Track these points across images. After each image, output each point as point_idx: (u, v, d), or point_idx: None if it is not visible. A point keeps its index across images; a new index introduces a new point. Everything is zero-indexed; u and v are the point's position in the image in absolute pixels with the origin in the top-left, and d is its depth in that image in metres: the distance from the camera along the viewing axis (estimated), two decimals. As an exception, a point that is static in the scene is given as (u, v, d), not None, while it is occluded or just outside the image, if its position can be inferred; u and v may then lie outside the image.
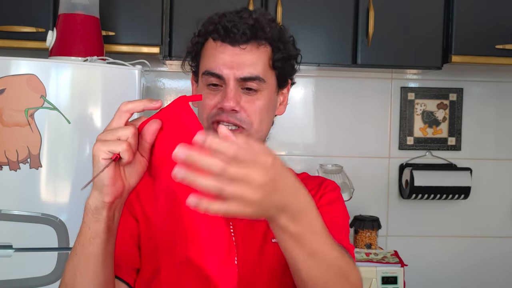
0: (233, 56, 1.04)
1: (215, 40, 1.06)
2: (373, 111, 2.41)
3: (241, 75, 1.03)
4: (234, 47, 1.04)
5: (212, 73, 1.05)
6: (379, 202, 2.41)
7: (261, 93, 1.06)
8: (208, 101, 1.05)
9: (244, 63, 1.04)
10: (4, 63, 1.58)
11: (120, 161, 0.84)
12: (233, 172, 0.66)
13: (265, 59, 1.06)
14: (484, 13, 2.07)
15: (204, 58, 1.08)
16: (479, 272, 2.45)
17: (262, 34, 1.04)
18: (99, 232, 0.87)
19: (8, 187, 1.59)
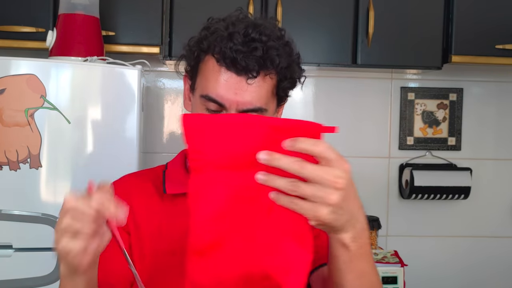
0: (237, 86, 0.98)
1: (218, 62, 0.99)
2: (373, 111, 2.40)
3: (243, 108, 0.98)
4: (239, 76, 0.98)
5: (213, 100, 0.99)
6: (379, 202, 2.41)
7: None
8: None
9: (249, 95, 0.98)
10: (4, 63, 1.58)
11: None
12: (311, 170, 0.71)
13: (270, 88, 1.02)
14: (484, 13, 2.07)
15: (203, 77, 1.02)
16: (479, 272, 2.45)
17: (271, 66, 0.99)
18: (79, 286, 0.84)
19: (8, 187, 1.59)
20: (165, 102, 2.33)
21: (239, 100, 0.98)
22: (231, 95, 0.98)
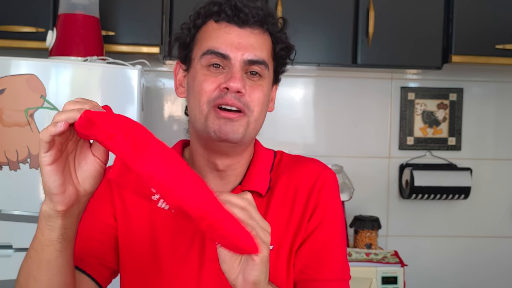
0: (240, 37, 0.97)
1: (218, 22, 0.98)
2: (373, 111, 2.41)
3: (248, 57, 0.97)
4: (241, 28, 0.98)
5: (216, 52, 0.97)
6: (379, 202, 2.41)
7: (263, 81, 1.00)
8: (207, 84, 0.97)
9: (252, 45, 0.98)
10: (4, 63, 1.58)
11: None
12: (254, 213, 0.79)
13: (269, 46, 1.01)
14: (484, 13, 2.07)
15: (203, 40, 1.00)
16: (479, 272, 2.45)
17: (270, 20, 1.00)
18: (53, 240, 0.83)
19: (8, 187, 1.59)
20: (165, 102, 2.33)
21: (243, 50, 0.97)
22: (234, 45, 0.97)
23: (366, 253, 2.09)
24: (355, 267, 2.02)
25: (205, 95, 0.97)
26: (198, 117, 0.98)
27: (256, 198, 1.02)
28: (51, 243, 0.83)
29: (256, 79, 0.99)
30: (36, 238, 0.85)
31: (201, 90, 0.97)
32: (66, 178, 0.80)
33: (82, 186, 0.82)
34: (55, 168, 0.80)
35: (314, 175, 1.06)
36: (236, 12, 0.97)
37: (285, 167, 1.07)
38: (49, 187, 0.79)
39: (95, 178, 0.83)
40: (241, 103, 0.96)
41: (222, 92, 0.96)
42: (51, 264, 0.85)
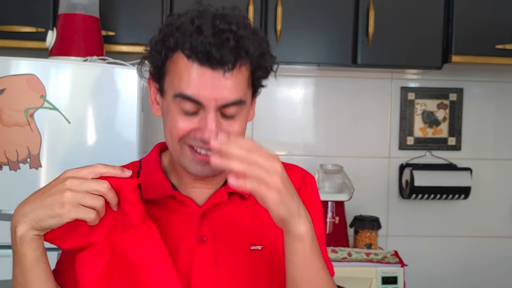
0: (213, 81, 0.91)
1: (190, 58, 0.92)
2: (373, 111, 2.41)
3: (222, 103, 0.92)
4: (214, 71, 0.91)
5: (189, 98, 0.92)
6: (379, 202, 2.41)
7: (240, 115, 0.96)
8: (181, 124, 0.94)
9: (227, 88, 0.92)
10: (4, 63, 1.58)
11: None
12: (255, 158, 0.82)
13: (245, 79, 0.96)
14: (484, 13, 2.07)
15: (175, 76, 0.94)
16: (479, 272, 2.45)
17: (246, 55, 0.93)
18: (38, 257, 0.89)
19: (8, 187, 1.59)
20: (165, 102, 2.33)
21: (217, 96, 0.92)
22: (208, 92, 0.91)
23: (366, 253, 2.09)
24: (355, 267, 2.02)
25: (177, 135, 0.96)
26: (173, 151, 0.99)
27: (240, 200, 1.04)
28: (38, 260, 0.89)
29: (232, 117, 0.96)
30: (18, 266, 0.90)
31: (174, 129, 0.96)
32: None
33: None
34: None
35: (298, 178, 1.09)
36: (207, 57, 0.90)
37: None
38: (52, 225, 0.87)
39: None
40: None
41: (197, 138, 0.95)
42: (41, 278, 0.90)
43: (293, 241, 0.89)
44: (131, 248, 0.92)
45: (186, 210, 1.02)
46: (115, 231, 0.92)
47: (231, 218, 1.03)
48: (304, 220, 0.88)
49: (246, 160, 0.82)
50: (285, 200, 0.84)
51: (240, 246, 1.01)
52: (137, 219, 0.92)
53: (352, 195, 2.19)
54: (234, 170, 0.82)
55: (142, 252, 0.93)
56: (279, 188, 0.83)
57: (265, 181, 0.82)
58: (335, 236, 2.19)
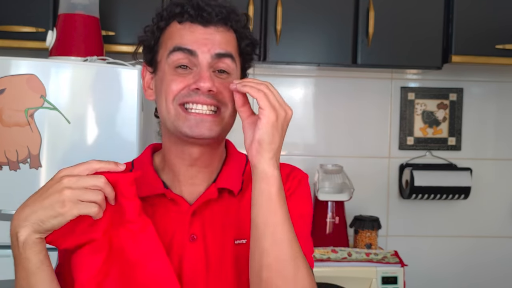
0: (205, 34, 0.98)
1: (181, 23, 0.99)
2: (373, 111, 2.41)
3: (215, 51, 0.98)
4: (205, 27, 0.98)
5: (183, 48, 0.98)
6: (379, 202, 2.41)
7: (232, 77, 1.00)
8: (175, 84, 0.98)
9: (218, 41, 0.98)
10: (4, 63, 1.58)
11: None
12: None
13: (234, 42, 1.02)
14: (484, 13, 2.07)
15: (168, 40, 1.00)
16: (479, 272, 2.45)
17: (234, 17, 1.01)
18: (42, 260, 0.89)
19: (8, 187, 1.59)
20: (165, 102, 2.33)
21: (209, 45, 0.97)
22: (200, 42, 0.97)
23: (366, 253, 2.09)
24: (355, 267, 2.02)
25: (171, 95, 0.98)
26: (167, 117, 1.00)
27: (229, 197, 1.05)
28: (42, 264, 0.89)
29: (224, 77, 1.00)
30: (22, 270, 0.90)
31: (168, 90, 0.98)
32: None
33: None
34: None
35: (287, 171, 1.10)
36: (199, 12, 0.97)
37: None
38: (54, 225, 0.87)
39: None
40: (214, 100, 0.98)
41: (192, 92, 0.97)
42: (46, 281, 0.90)
43: (259, 180, 0.91)
44: (127, 243, 0.93)
45: (177, 208, 1.02)
46: (112, 227, 0.92)
47: (220, 215, 1.03)
48: (274, 164, 0.91)
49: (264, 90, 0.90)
50: (275, 127, 0.90)
51: (226, 241, 1.02)
52: (134, 214, 0.92)
53: (352, 195, 2.19)
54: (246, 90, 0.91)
55: (138, 247, 0.93)
56: (275, 113, 0.90)
57: (270, 100, 0.89)
58: (335, 236, 2.19)
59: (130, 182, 0.90)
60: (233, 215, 1.04)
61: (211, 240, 1.01)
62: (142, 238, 0.93)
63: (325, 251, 2.06)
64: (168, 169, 1.05)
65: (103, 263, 0.92)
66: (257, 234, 0.92)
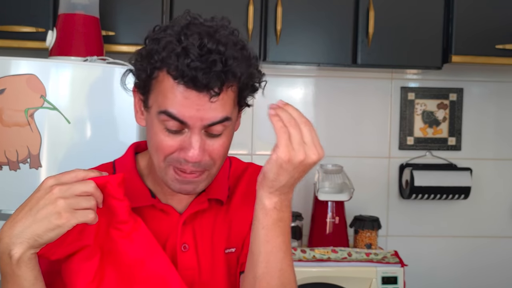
0: (199, 102, 0.89)
1: (176, 80, 0.89)
2: (373, 111, 2.40)
3: (208, 122, 0.91)
4: (200, 93, 0.89)
5: (174, 117, 0.90)
6: (379, 202, 2.41)
7: (225, 132, 0.95)
8: (165, 142, 0.93)
9: (212, 109, 0.90)
10: (4, 63, 1.58)
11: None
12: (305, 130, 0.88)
13: (232, 98, 0.94)
14: (484, 13, 2.07)
15: (160, 94, 0.92)
16: (479, 272, 2.45)
17: (233, 78, 0.91)
18: (36, 275, 0.86)
19: (8, 187, 1.59)
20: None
21: (202, 116, 0.90)
22: (193, 112, 0.89)
23: (366, 253, 2.09)
24: (355, 267, 2.02)
25: (162, 154, 0.94)
26: (157, 168, 0.97)
27: (216, 205, 1.04)
28: (36, 279, 0.86)
29: (217, 135, 0.94)
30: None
31: (159, 146, 0.94)
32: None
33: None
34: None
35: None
36: (194, 81, 0.88)
37: (241, 175, 1.09)
38: (52, 238, 0.84)
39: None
40: (201, 167, 0.94)
41: (181, 158, 0.93)
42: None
43: (257, 209, 0.91)
44: (121, 244, 0.92)
45: (167, 218, 1.01)
46: (102, 230, 0.91)
47: (209, 224, 1.03)
48: (275, 199, 0.89)
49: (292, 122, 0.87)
50: (283, 168, 0.86)
51: (217, 250, 1.02)
52: (125, 214, 0.91)
53: (352, 195, 2.19)
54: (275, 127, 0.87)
55: (133, 246, 0.92)
56: (290, 157, 0.85)
57: (292, 139, 0.86)
58: (335, 236, 2.19)
59: (118, 183, 0.88)
60: (221, 224, 1.04)
61: (202, 249, 1.01)
62: (136, 237, 0.92)
63: (325, 251, 2.06)
64: (154, 178, 1.03)
65: (98, 267, 0.91)
66: (252, 261, 0.93)
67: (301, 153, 0.85)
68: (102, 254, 0.91)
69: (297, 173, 0.87)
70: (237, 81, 0.92)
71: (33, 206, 0.84)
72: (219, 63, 0.88)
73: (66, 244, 0.89)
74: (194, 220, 1.02)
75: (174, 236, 1.00)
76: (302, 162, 0.86)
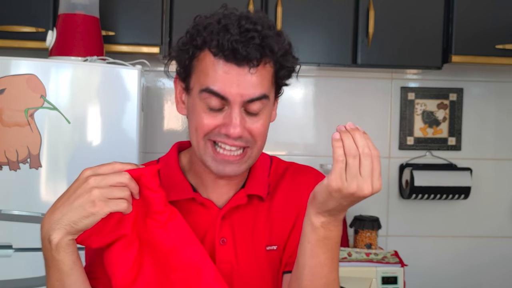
0: (239, 77, 0.94)
1: (216, 56, 0.95)
2: (373, 111, 2.40)
3: (248, 98, 0.95)
4: (240, 67, 0.94)
5: (215, 93, 0.95)
6: (379, 202, 2.41)
7: (264, 112, 0.99)
8: (206, 120, 0.97)
9: (252, 84, 0.95)
10: (4, 63, 1.58)
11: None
12: (366, 164, 0.85)
13: (270, 76, 0.99)
14: (484, 13, 2.07)
15: (201, 73, 0.97)
16: (479, 272, 2.45)
17: (270, 53, 0.96)
18: (75, 260, 0.91)
19: (8, 187, 1.59)
20: (165, 102, 2.33)
21: (242, 91, 0.94)
22: (233, 87, 0.94)
23: (366, 253, 2.09)
24: (355, 267, 2.02)
25: (202, 131, 0.98)
26: (196, 148, 1.01)
27: (258, 202, 1.06)
28: (75, 264, 0.91)
29: (256, 114, 0.99)
30: (55, 272, 0.91)
31: (199, 125, 0.98)
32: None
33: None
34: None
35: (314, 183, 1.10)
36: (233, 53, 0.94)
37: (283, 174, 1.11)
38: (87, 225, 0.88)
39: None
40: (243, 142, 0.98)
41: (222, 134, 0.97)
42: (79, 281, 0.92)
43: (306, 225, 0.91)
44: (157, 234, 0.95)
45: (206, 212, 1.04)
46: (139, 220, 0.94)
47: (249, 219, 1.05)
48: (323, 219, 0.89)
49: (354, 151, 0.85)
50: (332, 196, 0.85)
51: (258, 247, 1.04)
52: (160, 204, 0.94)
53: (352, 195, 2.19)
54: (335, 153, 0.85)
55: (168, 236, 0.95)
56: (342, 187, 0.83)
57: (349, 168, 0.84)
58: (335, 236, 2.19)
59: (153, 174, 0.91)
60: (263, 221, 1.05)
61: (241, 244, 1.03)
62: (172, 226, 0.95)
63: (325, 251, 2.05)
64: (196, 173, 1.06)
65: (136, 256, 0.94)
66: (297, 273, 0.94)
67: (353, 186, 0.83)
68: (140, 243, 0.94)
69: (346, 202, 0.86)
70: (273, 58, 0.97)
71: (70, 195, 0.89)
72: (257, 38, 0.94)
73: (106, 233, 0.93)
74: (233, 215, 1.04)
75: (213, 230, 1.02)
76: (353, 195, 0.84)
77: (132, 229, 0.93)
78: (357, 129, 0.88)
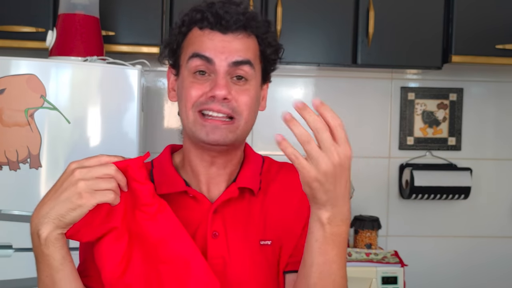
0: (223, 42, 1.00)
1: (202, 29, 1.01)
2: (373, 111, 2.41)
3: (232, 59, 0.99)
4: (224, 34, 1.00)
5: (201, 55, 0.99)
6: (379, 202, 2.41)
7: (250, 83, 1.02)
8: (193, 91, 1.00)
9: (236, 48, 1.00)
10: (4, 63, 1.58)
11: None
12: (326, 136, 0.83)
13: (254, 48, 1.03)
14: (484, 13, 2.07)
15: (188, 46, 1.03)
16: (479, 272, 2.45)
17: (254, 24, 1.02)
18: (64, 256, 0.91)
19: (8, 187, 1.59)
20: (165, 102, 2.33)
21: (227, 54, 0.99)
22: (218, 49, 0.99)
23: (366, 253, 2.09)
24: (355, 267, 2.02)
25: (190, 101, 1.00)
26: (186, 122, 1.03)
27: (250, 196, 1.07)
28: (64, 259, 0.91)
29: (242, 83, 1.01)
30: (45, 269, 0.91)
31: (187, 96, 1.01)
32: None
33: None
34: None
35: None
36: (218, 20, 0.99)
37: (277, 172, 1.12)
38: (75, 218, 0.88)
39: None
40: (228, 108, 0.99)
41: (209, 100, 0.99)
42: (69, 277, 0.92)
43: (313, 222, 0.89)
44: (146, 226, 0.95)
45: (198, 206, 1.04)
46: (128, 213, 0.94)
47: (242, 214, 1.05)
48: (327, 214, 0.86)
49: (315, 126, 0.82)
50: (322, 185, 0.83)
51: (251, 241, 1.04)
52: (148, 196, 0.94)
53: (352, 195, 2.19)
54: (295, 134, 0.81)
55: (157, 228, 0.95)
56: (320, 169, 0.82)
57: (314, 161, 0.82)
58: (335, 236, 2.19)
59: (140, 165, 0.92)
60: (256, 215, 1.06)
61: (233, 238, 1.03)
62: (160, 218, 0.95)
63: (325, 251, 2.06)
64: (188, 168, 1.08)
65: (126, 248, 0.94)
66: (304, 272, 0.93)
67: (322, 166, 0.83)
68: (129, 236, 0.94)
69: (331, 185, 0.84)
70: (257, 32, 1.03)
71: (57, 189, 0.89)
72: (240, 10, 1.01)
73: (95, 226, 0.92)
74: (225, 209, 1.04)
75: (205, 224, 1.02)
76: (327, 173, 0.83)
77: (121, 221, 0.93)
78: (304, 107, 0.83)
